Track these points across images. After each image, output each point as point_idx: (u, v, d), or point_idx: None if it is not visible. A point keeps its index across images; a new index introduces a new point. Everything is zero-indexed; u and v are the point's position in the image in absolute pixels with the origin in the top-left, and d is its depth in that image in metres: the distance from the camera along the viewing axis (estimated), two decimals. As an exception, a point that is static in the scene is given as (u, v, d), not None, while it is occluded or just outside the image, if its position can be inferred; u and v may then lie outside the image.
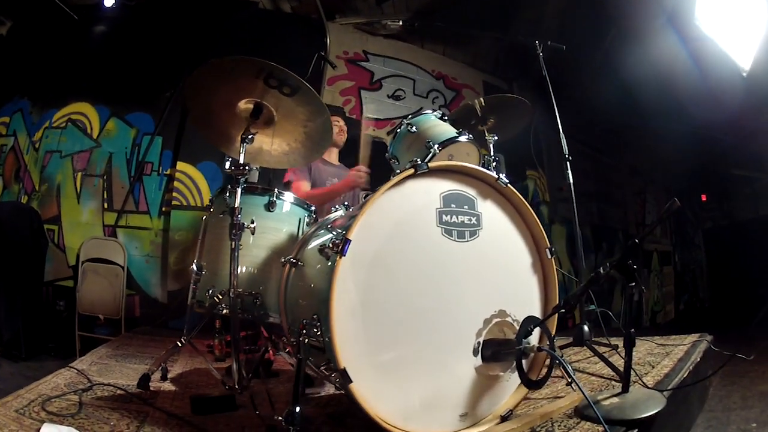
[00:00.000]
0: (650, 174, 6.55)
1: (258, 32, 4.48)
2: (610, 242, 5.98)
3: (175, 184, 3.81)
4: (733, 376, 2.89)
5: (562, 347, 2.36)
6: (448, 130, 2.10)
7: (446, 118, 2.25)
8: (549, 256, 1.71)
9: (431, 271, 1.40)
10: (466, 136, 2.06)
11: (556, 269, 1.72)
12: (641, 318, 5.92)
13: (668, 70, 4.44)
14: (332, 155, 3.22)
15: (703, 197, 6.51)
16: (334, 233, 1.48)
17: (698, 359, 2.24)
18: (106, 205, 3.76)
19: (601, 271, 1.61)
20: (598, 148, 5.86)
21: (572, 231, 5.56)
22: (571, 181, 2.49)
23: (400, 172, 1.38)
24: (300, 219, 2.12)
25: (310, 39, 4.70)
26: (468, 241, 1.47)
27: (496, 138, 2.56)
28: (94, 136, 3.89)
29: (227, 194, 1.99)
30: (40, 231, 3.29)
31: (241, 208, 1.80)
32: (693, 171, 6.20)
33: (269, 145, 2.14)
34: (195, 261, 2.10)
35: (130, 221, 3.75)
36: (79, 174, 3.78)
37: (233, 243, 1.76)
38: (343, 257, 1.23)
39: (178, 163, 3.86)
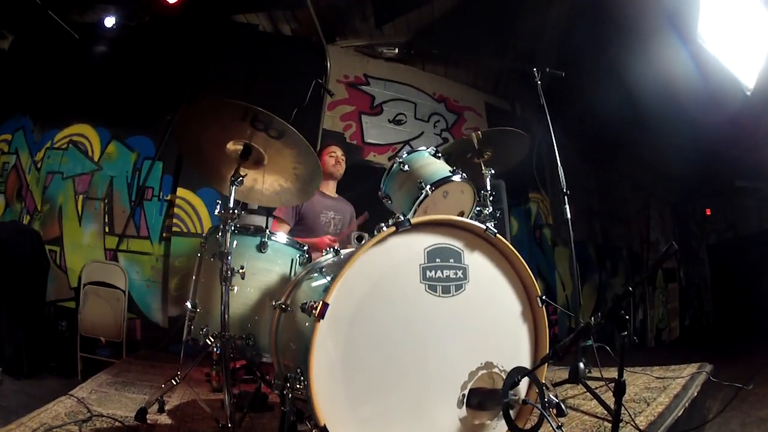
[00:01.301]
0: (653, 188, 6.51)
1: (258, 54, 4.55)
2: (614, 260, 5.93)
3: (175, 210, 3.84)
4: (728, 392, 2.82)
5: (556, 384, 2.34)
6: (440, 168, 2.10)
7: (440, 155, 2.24)
8: (539, 305, 1.71)
9: (414, 328, 1.41)
10: (460, 176, 2.06)
11: (551, 307, 1.70)
12: (646, 336, 5.84)
13: (671, 84, 4.41)
14: (329, 187, 3.19)
15: (708, 211, 6.44)
16: (320, 283, 1.48)
17: (695, 394, 2.22)
18: (107, 229, 3.80)
19: (592, 321, 1.60)
20: (600, 163, 5.83)
21: (576, 252, 5.55)
22: (569, 216, 2.46)
23: (382, 231, 1.38)
24: (292, 260, 2.13)
25: (310, 62, 4.75)
26: (453, 295, 1.47)
27: (492, 172, 2.55)
28: (95, 159, 3.94)
29: (220, 234, 2.00)
30: (41, 252, 3.34)
31: (230, 253, 1.79)
32: (696, 183, 6.14)
33: (260, 184, 2.15)
34: (190, 298, 2.12)
35: (131, 246, 3.79)
36: (81, 196, 3.82)
37: (224, 288, 1.76)
38: (321, 320, 1.23)
39: (179, 189, 3.90)
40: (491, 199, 2.46)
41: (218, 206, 1.92)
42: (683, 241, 6.63)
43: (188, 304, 2.08)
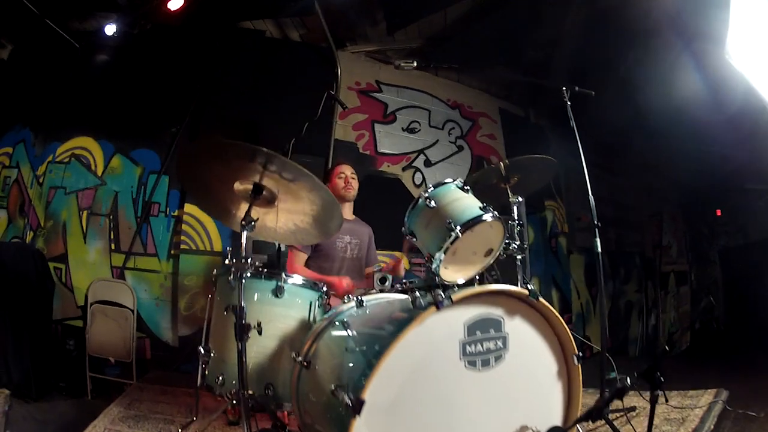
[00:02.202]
0: (666, 192, 6.36)
1: (266, 61, 4.39)
2: (627, 267, 5.81)
3: (183, 227, 3.72)
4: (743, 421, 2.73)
5: (579, 420, 2.26)
6: (470, 206, 1.94)
7: (468, 188, 2.08)
8: (576, 363, 1.59)
9: (452, 406, 1.33)
10: (491, 214, 1.91)
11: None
12: (658, 341, 5.73)
13: (687, 94, 4.26)
14: (345, 209, 3.01)
15: (718, 212, 6.32)
16: (351, 360, 1.35)
17: (712, 426, 2.31)
18: (113, 246, 3.69)
19: (628, 382, 1.51)
20: (613, 168, 5.69)
21: (590, 260, 5.44)
22: (599, 249, 2.32)
23: (422, 311, 1.25)
24: (311, 303, 2.01)
25: (320, 68, 4.59)
26: (493, 367, 1.34)
27: (520, 200, 2.40)
28: (99, 173, 3.82)
29: (231, 276, 1.86)
30: (45, 272, 3.26)
31: (245, 309, 1.66)
32: (707, 187, 5.99)
33: (274, 222, 2.00)
34: (202, 342, 2.00)
35: (138, 263, 3.68)
36: (85, 212, 3.71)
37: (240, 346, 1.63)
38: (357, 416, 1.10)
39: (186, 205, 3.77)
40: (518, 229, 2.35)
41: (228, 253, 1.78)
42: (694, 244, 6.50)
43: (201, 349, 1.96)
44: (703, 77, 4.01)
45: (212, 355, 1.94)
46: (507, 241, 2.20)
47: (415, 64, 2.71)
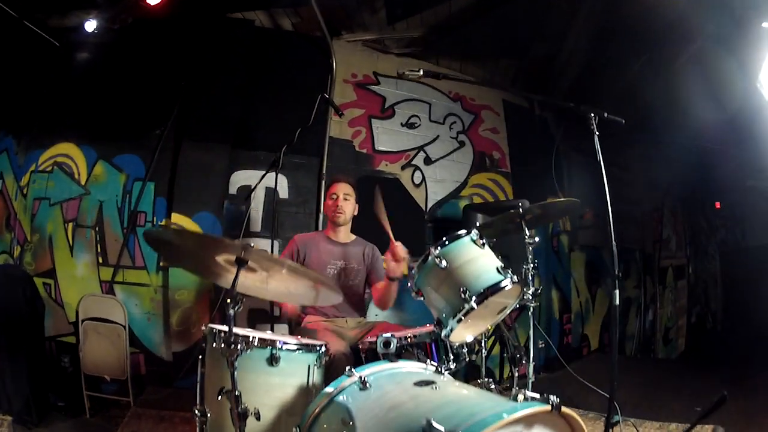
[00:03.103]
0: (667, 186, 6.24)
1: (256, 55, 4.12)
2: (627, 263, 5.73)
3: None
4: None
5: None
6: (487, 267, 1.81)
7: (484, 241, 1.89)
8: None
9: None
10: (510, 279, 1.75)
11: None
12: (654, 337, 5.74)
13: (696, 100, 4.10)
14: (339, 233, 2.88)
15: (717, 205, 6.24)
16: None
17: None
18: (100, 260, 3.55)
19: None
20: (618, 163, 5.52)
21: (591, 257, 5.34)
22: (617, 302, 2.18)
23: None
24: (309, 366, 1.86)
25: (314, 60, 4.29)
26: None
27: (537, 240, 2.24)
28: (82, 182, 3.62)
29: (223, 340, 1.66)
30: (34, 295, 3.13)
31: (240, 394, 1.51)
32: (708, 180, 5.88)
33: (265, 283, 1.82)
34: (197, 406, 1.87)
35: (127, 277, 3.56)
36: (70, 224, 3.55)
37: (237, 428, 1.49)
38: None
39: (173, 214, 3.62)
40: (532, 271, 2.20)
41: (214, 334, 1.61)
42: (693, 237, 6.44)
43: (197, 411, 1.83)
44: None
45: (209, 415, 1.82)
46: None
47: (421, 72, 2.48)
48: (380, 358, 1.91)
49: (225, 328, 1.68)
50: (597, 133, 2.21)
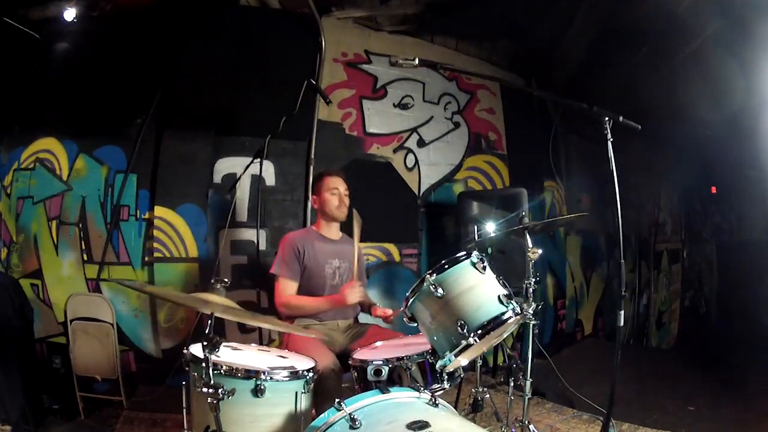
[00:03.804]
0: (666, 172, 6.16)
1: (242, 35, 3.94)
2: (623, 247, 5.68)
3: (155, 233, 3.52)
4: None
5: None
6: (487, 297, 1.68)
7: (485, 264, 1.77)
8: None
9: None
10: (512, 310, 1.66)
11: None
12: (648, 321, 5.79)
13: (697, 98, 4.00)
14: (332, 229, 2.81)
15: (713, 189, 6.19)
16: None
17: None
18: (85, 257, 3.50)
19: None
20: (618, 148, 5.41)
21: (587, 242, 5.31)
22: (622, 323, 2.10)
23: None
24: (296, 393, 1.80)
25: (302, 38, 4.13)
26: None
27: (540, 252, 2.18)
28: (64, 177, 3.53)
29: (203, 383, 1.58)
30: (23, 302, 3.08)
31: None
32: (706, 166, 5.79)
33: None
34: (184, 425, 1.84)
35: (113, 274, 3.53)
36: (54, 222, 3.48)
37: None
38: None
39: (156, 207, 3.54)
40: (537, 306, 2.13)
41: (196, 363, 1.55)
42: (688, 221, 6.41)
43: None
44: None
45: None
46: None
47: (416, 61, 2.34)
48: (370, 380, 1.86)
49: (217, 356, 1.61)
50: (611, 138, 2.07)
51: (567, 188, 5.06)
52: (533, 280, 2.14)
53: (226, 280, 1.59)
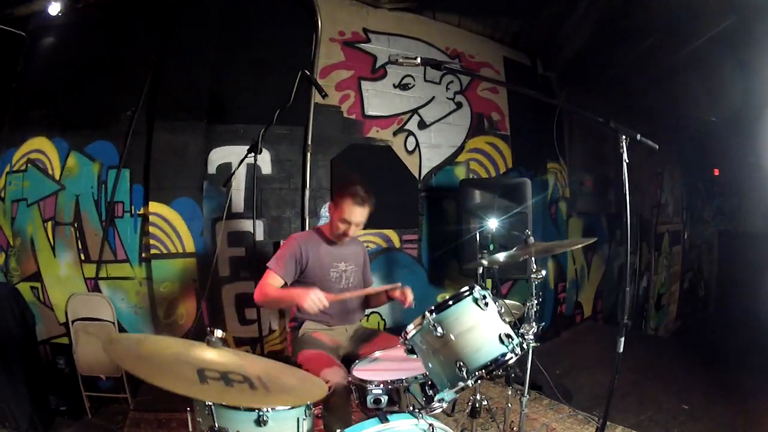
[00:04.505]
0: (670, 152, 6.05)
1: (232, 15, 3.77)
2: (624, 229, 5.67)
3: (151, 229, 3.49)
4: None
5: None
6: (488, 339, 1.66)
7: (487, 302, 1.73)
8: None
9: None
10: (513, 351, 1.64)
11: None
12: (647, 303, 5.84)
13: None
14: None
15: (716, 171, 6.11)
16: None
17: None
18: (82, 257, 3.49)
19: None
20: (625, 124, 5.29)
21: (588, 223, 5.29)
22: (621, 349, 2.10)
23: None
24: (298, 419, 1.82)
25: (296, 17, 3.97)
26: None
27: (543, 273, 2.22)
28: (57, 177, 3.47)
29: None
30: (23, 311, 3.12)
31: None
32: (710, 149, 5.69)
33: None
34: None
35: (110, 272, 3.52)
36: (49, 223, 3.46)
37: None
38: None
39: (151, 203, 3.49)
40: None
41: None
42: (690, 201, 6.36)
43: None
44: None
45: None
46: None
47: (418, 60, 2.19)
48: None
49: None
50: (627, 160, 1.99)
51: (570, 170, 4.98)
52: (536, 301, 2.13)
53: (220, 332, 1.53)
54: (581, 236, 5.17)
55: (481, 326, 1.66)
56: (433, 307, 1.69)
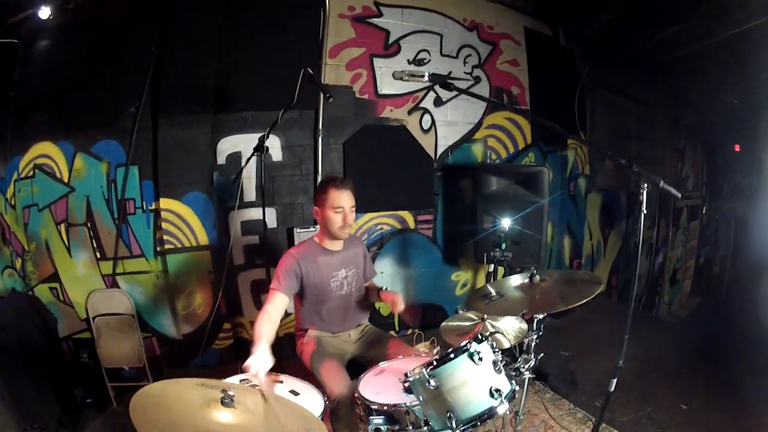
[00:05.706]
0: (691, 127, 5.79)
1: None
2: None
3: (164, 225, 3.55)
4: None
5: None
6: (479, 393, 1.72)
7: (481, 357, 1.76)
8: None
9: None
10: (502, 404, 1.69)
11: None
12: (662, 278, 5.82)
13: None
14: (335, 242, 2.67)
15: (737, 147, 5.87)
16: None
17: None
18: (98, 255, 3.57)
19: None
20: (643, 100, 5.04)
21: (608, 199, 5.20)
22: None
23: None
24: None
25: None
26: None
27: (537, 342, 2.22)
28: (65, 179, 3.49)
29: None
30: (45, 317, 3.28)
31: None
32: (733, 124, 5.43)
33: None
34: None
35: (127, 267, 3.62)
36: (63, 225, 3.51)
37: None
38: None
39: (162, 199, 3.52)
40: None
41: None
42: (710, 176, 6.16)
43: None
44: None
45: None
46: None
47: (426, 77, 2.09)
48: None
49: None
50: (645, 211, 1.92)
51: (591, 146, 4.81)
52: (535, 336, 2.15)
53: (231, 393, 1.51)
54: (599, 212, 5.11)
55: (473, 382, 1.73)
56: (429, 363, 1.76)
